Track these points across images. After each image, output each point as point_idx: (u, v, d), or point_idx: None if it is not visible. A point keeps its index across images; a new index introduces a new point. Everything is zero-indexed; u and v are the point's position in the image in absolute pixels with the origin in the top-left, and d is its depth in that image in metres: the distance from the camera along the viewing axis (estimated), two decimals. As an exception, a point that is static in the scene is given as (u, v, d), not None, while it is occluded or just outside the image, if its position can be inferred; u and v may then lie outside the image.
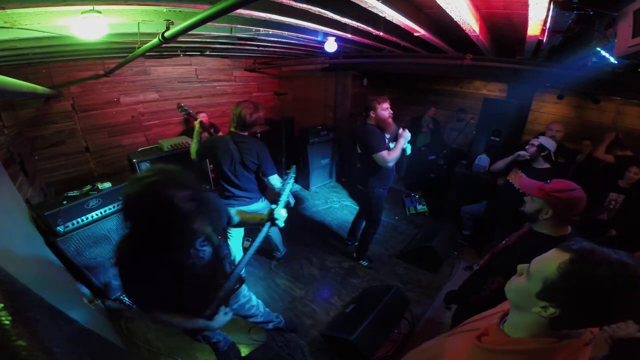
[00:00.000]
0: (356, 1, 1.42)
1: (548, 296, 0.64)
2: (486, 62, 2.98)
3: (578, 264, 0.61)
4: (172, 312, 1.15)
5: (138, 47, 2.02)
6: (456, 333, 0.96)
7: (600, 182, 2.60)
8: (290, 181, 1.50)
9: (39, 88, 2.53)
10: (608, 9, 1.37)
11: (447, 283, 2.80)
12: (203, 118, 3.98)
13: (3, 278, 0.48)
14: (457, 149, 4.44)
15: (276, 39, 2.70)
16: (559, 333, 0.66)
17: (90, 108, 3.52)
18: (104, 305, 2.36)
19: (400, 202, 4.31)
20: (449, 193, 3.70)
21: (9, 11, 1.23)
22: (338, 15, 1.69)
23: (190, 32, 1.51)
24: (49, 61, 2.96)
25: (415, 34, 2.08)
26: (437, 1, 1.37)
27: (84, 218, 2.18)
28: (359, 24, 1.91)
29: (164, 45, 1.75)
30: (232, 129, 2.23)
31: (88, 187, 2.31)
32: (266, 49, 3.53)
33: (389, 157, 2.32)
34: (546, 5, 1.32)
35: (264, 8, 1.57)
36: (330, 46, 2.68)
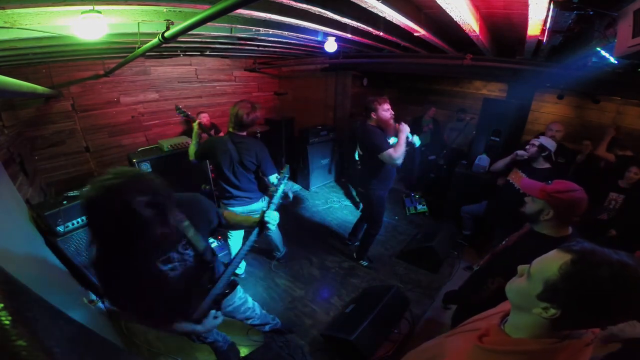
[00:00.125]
0: (356, 1, 1.42)
1: (549, 297, 0.64)
2: (486, 62, 2.98)
3: (579, 265, 0.61)
4: (152, 316, 1.10)
5: (138, 47, 2.03)
6: (456, 333, 0.96)
7: (600, 182, 2.61)
8: (284, 182, 1.44)
9: (39, 88, 2.53)
10: (608, 9, 1.37)
11: (447, 283, 2.80)
12: (204, 118, 3.99)
13: (3, 278, 0.48)
14: (457, 149, 4.44)
15: (276, 39, 2.70)
16: (560, 334, 0.66)
17: (90, 108, 3.52)
18: (104, 305, 2.36)
19: (400, 202, 4.31)
20: (449, 193, 3.70)
21: (9, 11, 1.23)
22: (338, 15, 1.69)
23: (190, 32, 1.51)
24: (49, 61, 2.96)
25: (415, 34, 2.09)
26: (437, 1, 1.37)
27: (84, 218, 2.17)
28: (359, 24, 1.91)
29: (164, 45, 1.75)
30: (230, 129, 2.22)
31: (88, 187, 2.31)
32: (266, 49, 3.53)
33: (396, 154, 2.23)
34: (546, 5, 1.32)
35: (264, 8, 1.57)
36: (330, 46, 2.68)
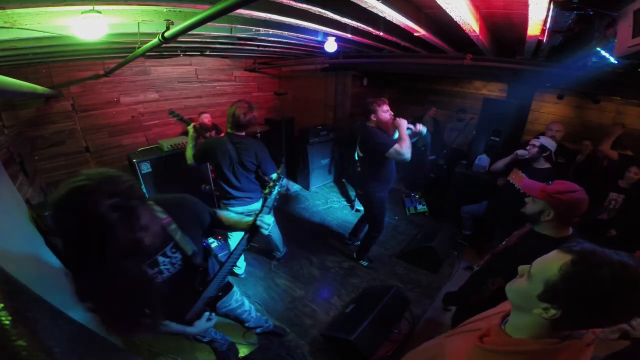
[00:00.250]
0: (356, 1, 1.42)
1: (549, 298, 0.64)
2: (486, 62, 2.98)
3: (579, 266, 0.61)
4: (125, 319, 1.06)
5: (138, 47, 2.02)
6: (457, 333, 0.96)
7: (600, 182, 2.61)
8: (278, 184, 1.37)
9: (39, 88, 2.53)
10: (608, 9, 1.37)
11: (447, 283, 2.80)
12: (206, 119, 4.00)
13: (3, 278, 0.48)
14: (457, 149, 4.44)
15: (276, 39, 2.70)
16: (561, 334, 0.66)
17: (90, 108, 3.52)
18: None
19: (400, 202, 4.31)
20: (449, 193, 3.70)
21: (9, 11, 1.23)
22: (338, 15, 1.69)
23: (190, 32, 1.51)
24: (49, 61, 2.96)
25: (415, 34, 2.08)
26: (437, 1, 1.37)
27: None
28: (359, 24, 1.91)
29: (164, 45, 1.75)
30: (229, 130, 2.22)
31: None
32: (266, 49, 3.53)
33: (402, 149, 2.18)
34: (546, 5, 1.32)
35: (264, 8, 1.57)
36: (330, 46, 2.67)
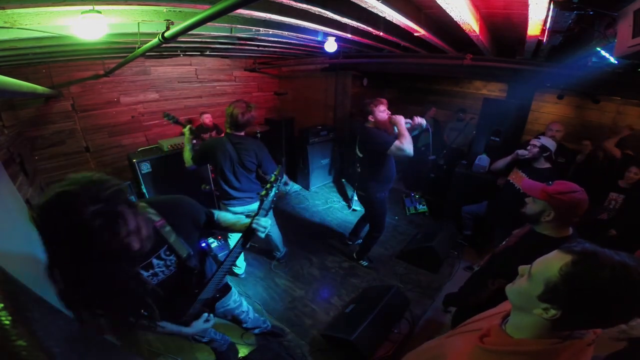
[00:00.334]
0: (356, 1, 1.42)
1: (549, 298, 0.64)
2: (486, 62, 2.98)
3: (580, 266, 0.61)
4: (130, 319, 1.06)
5: (138, 47, 2.02)
6: (457, 334, 0.96)
7: (600, 182, 2.61)
8: (275, 185, 1.31)
9: (39, 88, 2.53)
10: (608, 9, 1.37)
11: (447, 283, 2.80)
12: (207, 119, 4.01)
13: (3, 278, 0.48)
14: (457, 149, 4.43)
15: (276, 39, 2.70)
16: (562, 334, 0.66)
17: (90, 108, 3.52)
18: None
19: (400, 202, 4.31)
20: (449, 193, 3.70)
21: (9, 11, 1.23)
22: (338, 15, 1.69)
23: (190, 32, 1.51)
24: (49, 61, 2.96)
25: (415, 34, 2.08)
26: (437, 1, 1.37)
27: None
28: (359, 24, 1.91)
29: (164, 45, 1.75)
30: (228, 130, 2.21)
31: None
32: (266, 49, 3.53)
33: (403, 145, 2.16)
34: (546, 5, 1.32)
35: (264, 8, 1.57)
36: (330, 46, 2.68)
